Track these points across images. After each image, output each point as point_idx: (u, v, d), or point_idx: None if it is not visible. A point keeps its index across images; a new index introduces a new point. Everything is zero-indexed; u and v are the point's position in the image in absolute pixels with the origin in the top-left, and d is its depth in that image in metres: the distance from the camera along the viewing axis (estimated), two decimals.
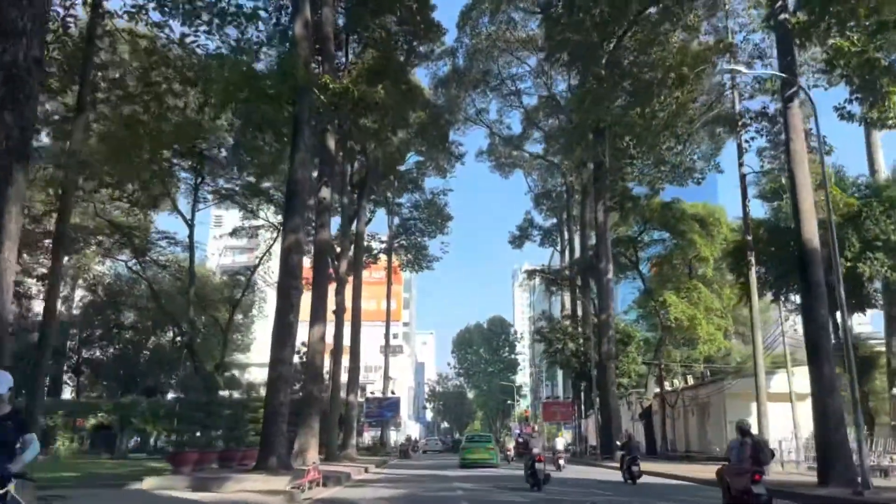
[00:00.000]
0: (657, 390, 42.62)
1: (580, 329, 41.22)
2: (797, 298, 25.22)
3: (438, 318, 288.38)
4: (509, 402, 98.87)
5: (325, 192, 26.38)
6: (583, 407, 42.88)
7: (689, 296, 42.56)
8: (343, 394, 35.16)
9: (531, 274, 51.29)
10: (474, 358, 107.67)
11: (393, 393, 49.80)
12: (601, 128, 34.09)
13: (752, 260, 21.07)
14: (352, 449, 33.62)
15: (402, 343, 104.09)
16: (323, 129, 25.10)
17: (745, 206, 22.15)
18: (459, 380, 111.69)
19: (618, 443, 18.68)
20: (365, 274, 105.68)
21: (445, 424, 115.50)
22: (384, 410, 47.61)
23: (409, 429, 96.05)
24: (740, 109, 21.85)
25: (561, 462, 26.52)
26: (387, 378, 50.07)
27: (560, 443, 29.79)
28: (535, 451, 17.61)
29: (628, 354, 38.88)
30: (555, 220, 57.09)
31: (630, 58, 30.50)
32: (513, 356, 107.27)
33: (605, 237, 37.51)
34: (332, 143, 26.90)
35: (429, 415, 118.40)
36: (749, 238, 21.86)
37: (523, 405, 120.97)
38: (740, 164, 21.85)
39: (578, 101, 33.74)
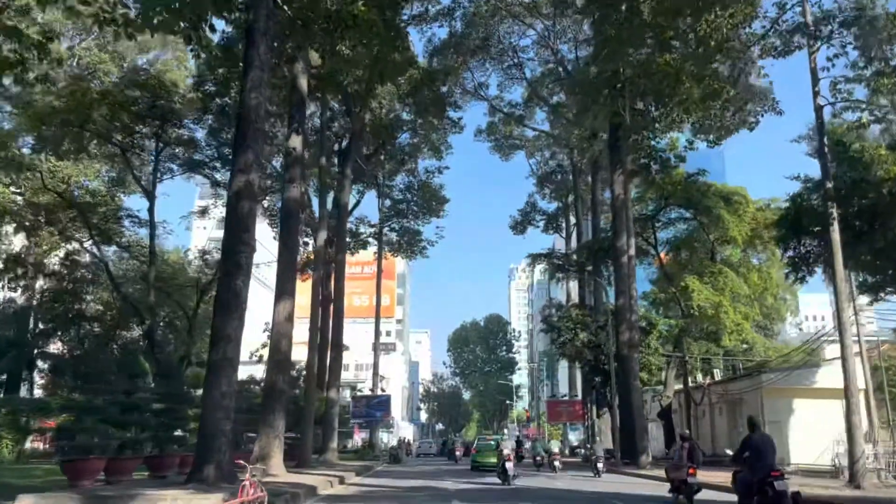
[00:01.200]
0: (677, 387, 37.79)
1: (593, 317, 36.33)
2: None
3: (433, 319, 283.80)
4: (508, 401, 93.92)
5: (296, 142, 21.49)
6: (592, 406, 37.96)
7: (714, 281, 37.80)
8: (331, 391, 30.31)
9: (536, 259, 46.41)
10: (470, 357, 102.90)
11: (383, 391, 44.80)
12: (620, 84, 29.40)
13: (834, 211, 16.31)
14: (331, 453, 28.69)
15: (395, 341, 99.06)
16: (290, 59, 20.27)
17: (822, 143, 17.34)
18: (455, 380, 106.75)
19: (677, 447, 13.85)
20: (356, 269, 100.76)
21: (440, 426, 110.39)
22: (373, 410, 42.64)
23: (402, 430, 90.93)
24: (814, 16, 17.01)
25: (556, 464, 27.22)
26: (376, 375, 45.12)
27: (555, 445, 30.65)
28: (506, 451, 20.67)
29: (649, 345, 34.01)
30: (559, 205, 52.29)
31: None
32: (510, 355, 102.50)
33: (624, 210, 32.70)
34: (303, 84, 22.06)
35: (423, 416, 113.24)
36: (830, 185, 17.06)
37: (520, 406, 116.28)
38: (815, 94, 17.05)
39: (596, 51, 28.98)
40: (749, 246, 39.96)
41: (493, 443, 29.81)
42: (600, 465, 24.20)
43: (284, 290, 20.36)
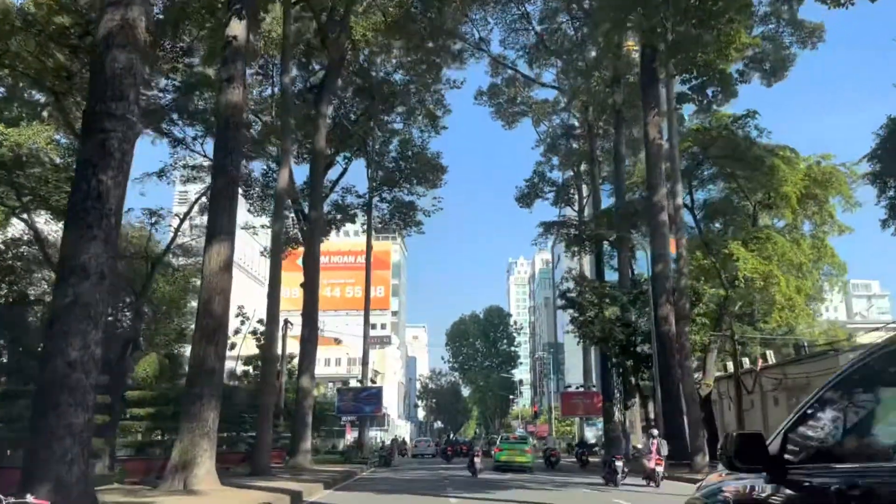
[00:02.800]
0: (717, 373, 31.71)
1: (621, 290, 30.16)
2: None
3: (430, 315, 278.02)
4: (512, 396, 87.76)
5: (238, 29, 15.32)
6: (617, 393, 31.72)
7: (761, 248, 31.72)
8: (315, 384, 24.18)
9: (549, 228, 40.19)
10: (470, 351, 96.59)
11: (374, 382, 38.55)
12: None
13: None
14: (304, 456, 22.53)
15: (390, 334, 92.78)
16: None
17: None
18: (454, 375, 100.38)
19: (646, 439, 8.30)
20: (349, 259, 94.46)
21: (439, 424, 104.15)
22: (362, 404, 36.48)
23: (398, 428, 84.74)
24: None
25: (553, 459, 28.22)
26: (366, 365, 38.91)
27: (552, 441, 32.29)
28: (476, 448, 26.18)
29: (694, 321, 27.80)
30: (571, 174, 46.15)
31: None
32: (512, 349, 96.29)
33: (660, 158, 26.68)
34: None
35: (420, 413, 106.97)
36: None
37: (520, 403, 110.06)
38: None
39: None
40: (800, 208, 33.91)
41: (520, 442, 28.19)
42: (619, 471, 18.66)
43: (219, 229, 14.19)
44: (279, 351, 22.68)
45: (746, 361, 30.20)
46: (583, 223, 37.50)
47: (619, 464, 18.54)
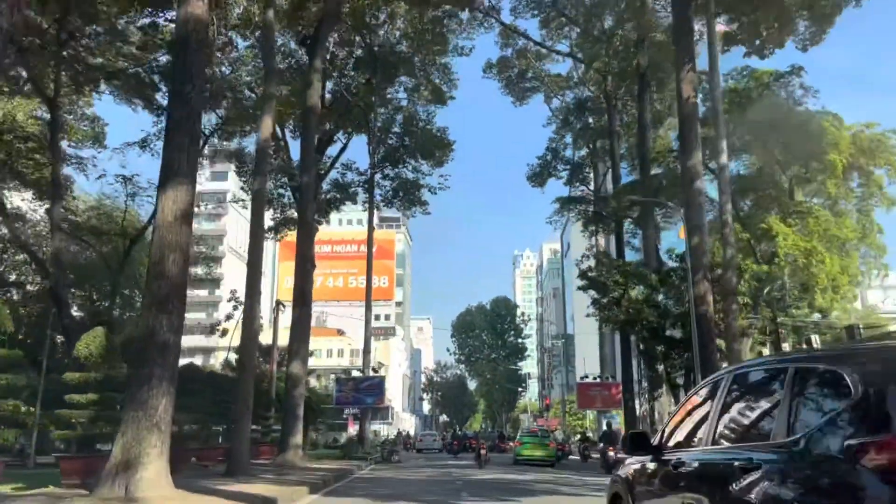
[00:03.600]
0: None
1: (650, 267, 27.11)
2: None
3: (435, 308, 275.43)
4: (520, 388, 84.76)
5: None
6: (640, 384, 28.70)
7: (801, 223, 28.74)
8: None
9: (566, 205, 37.07)
10: (476, 343, 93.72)
11: (375, 371, 35.64)
12: None
13: None
14: (294, 452, 19.60)
15: (394, 325, 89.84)
16: None
17: None
18: (460, 368, 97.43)
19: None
20: (352, 248, 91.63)
21: (444, 417, 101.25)
22: (362, 395, 33.57)
23: (403, 422, 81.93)
24: None
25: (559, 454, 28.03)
26: (367, 353, 35.98)
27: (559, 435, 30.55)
28: (482, 441, 28.14)
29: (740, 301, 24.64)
30: (586, 151, 43.02)
31: None
32: (520, 341, 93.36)
33: (696, 118, 23.62)
34: None
35: (426, 407, 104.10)
36: None
37: (527, 396, 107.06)
38: None
39: None
40: (844, 180, 30.80)
41: (541, 436, 27.66)
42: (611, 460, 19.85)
43: (176, 170, 11.22)
44: (270, 337, 19.57)
45: (811, 343, 27.13)
46: (602, 199, 34.39)
47: (611, 453, 20.49)
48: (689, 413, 4.61)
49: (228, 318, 36.00)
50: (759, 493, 3.05)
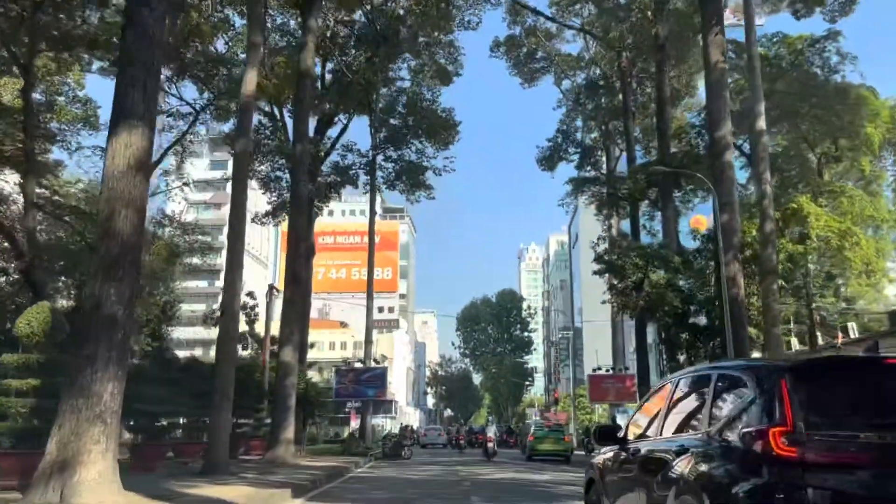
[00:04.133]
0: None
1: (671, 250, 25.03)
2: None
3: (439, 303, 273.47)
4: (527, 382, 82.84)
5: None
6: (662, 373, 26.59)
7: (834, 203, 26.67)
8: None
9: (579, 187, 34.95)
10: (482, 337, 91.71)
11: (377, 362, 33.71)
12: None
13: None
14: (285, 447, 17.67)
15: (398, 317, 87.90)
16: None
17: None
18: (465, 362, 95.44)
19: None
20: (355, 239, 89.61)
21: (449, 412, 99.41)
22: (363, 387, 31.64)
23: (407, 416, 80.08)
24: None
25: None
26: (368, 343, 34.08)
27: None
28: (489, 435, 28.08)
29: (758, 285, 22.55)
30: (598, 133, 40.91)
31: None
32: (526, 334, 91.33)
33: (724, 85, 21.57)
34: None
35: (430, 401, 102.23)
36: None
37: (533, 391, 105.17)
38: None
39: None
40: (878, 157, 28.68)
41: (556, 430, 27.07)
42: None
43: (130, 109, 9.25)
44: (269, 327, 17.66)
45: (847, 332, 25.11)
46: (619, 179, 32.24)
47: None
48: (646, 410, 5.46)
49: (222, 311, 34.09)
50: (685, 472, 3.97)
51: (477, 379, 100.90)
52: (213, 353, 45.37)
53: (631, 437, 5.34)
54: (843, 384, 3.63)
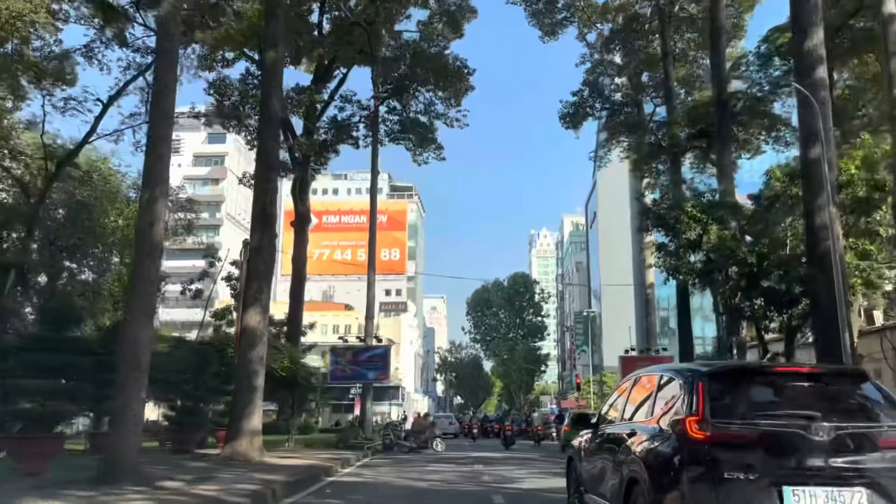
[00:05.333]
0: (861, 326, 21.72)
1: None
2: None
3: (448, 289, 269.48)
4: (544, 368, 78.17)
5: None
6: (726, 351, 21.92)
7: None
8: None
9: (614, 131, 30.18)
10: (493, 322, 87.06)
11: (379, 340, 29.20)
12: None
13: None
14: (249, 440, 13.24)
15: (406, 300, 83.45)
16: None
17: None
18: (475, 347, 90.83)
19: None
20: (359, 219, 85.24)
21: (459, 399, 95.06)
22: (363, 368, 27.22)
23: (416, 403, 75.74)
24: None
25: None
26: (370, 319, 29.61)
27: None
28: (508, 423, 29.16)
29: (854, 245, 17.59)
30: (629, 88, 35.99)
31: None
32: (539, 318, 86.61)
33: None
34: None
35: (439, 388, 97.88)
36: None
37: (545, 378, 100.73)
38: None
39: None
40: None
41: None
42: None
43: None
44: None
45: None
46: (664, 123, 27.35)
47: None
48: (616, 400, 6.57)
49: (202, 276, 29.69)
50: (634, 449, 5.02)
51: (488, 366, 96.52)
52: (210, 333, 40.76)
53: (601, 422, 6.47)
54: (744, 385, 4.85)
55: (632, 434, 5.20)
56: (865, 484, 4.16)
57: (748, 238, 19.64)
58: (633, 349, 32.29)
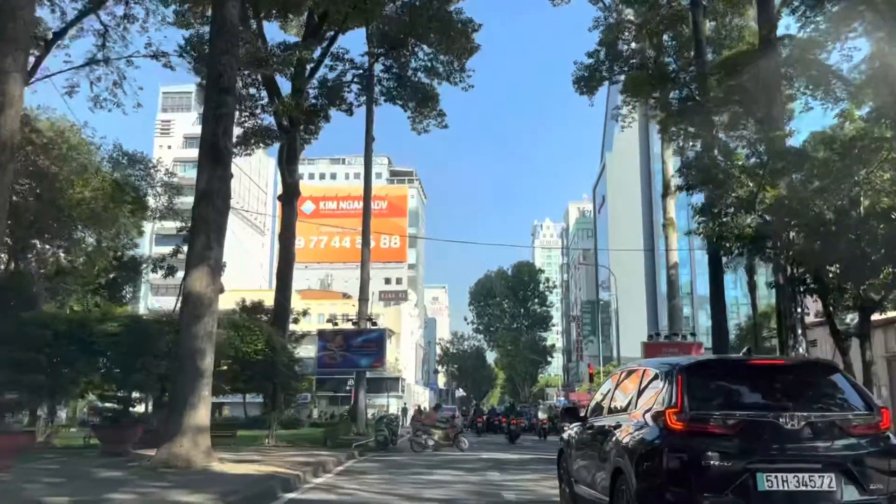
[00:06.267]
0: None
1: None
2: None
3: (450, 278, 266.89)
4: (551, 359, 74.97)
5: None
6: (794, 335, 18.59)
7: None
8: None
9: (640, 87, 26.73)
10: (496, 312, 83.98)
11: (375, 324, 25.89)
12: None
13: None
14: (192, 439, 10.04)
15: (406, 289, 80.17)
16: None
17: None
18: (478, 338, 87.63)
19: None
20: (358, 206, 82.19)
21: (461, 391, 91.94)
22: (355, 354, 23.94)
23: (416, 395, 72.54)
24: None
25: None
26: (364, 300, 26.35)
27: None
28: (514, 417, 27.78)
29: None
30: (649, 50, 32.52)
31: None
32: (544, 308, 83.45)
33: None
34: None
35: (441, 380, 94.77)
36: None
37: (549, 371, 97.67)
38: None
39: None
40: None
41: None
42: None
43: None
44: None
45: None
46: (701, 76, 23.78)
47: None
48: (602, 395, 6.72)
49: (175, 253, 26.37)
50: (620, 439, 5.19)
51: (491, 357, 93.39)
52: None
53: (590, 415, 6.59)
54: (720, 378, 5.16)
55: (617, 426, 5.45)
56: (834, 468, 4.46)
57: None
58: (657, 334, 28.96)
